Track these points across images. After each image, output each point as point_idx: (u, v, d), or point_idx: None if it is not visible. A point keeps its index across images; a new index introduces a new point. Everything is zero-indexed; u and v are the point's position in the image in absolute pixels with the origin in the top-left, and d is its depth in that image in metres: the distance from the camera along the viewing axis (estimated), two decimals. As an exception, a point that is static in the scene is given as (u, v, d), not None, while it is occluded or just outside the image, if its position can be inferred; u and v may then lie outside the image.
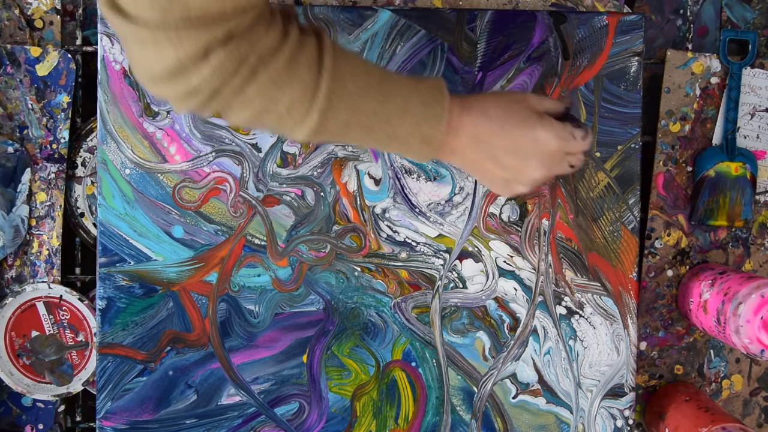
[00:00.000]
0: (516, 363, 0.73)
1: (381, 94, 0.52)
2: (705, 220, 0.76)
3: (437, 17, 0.72)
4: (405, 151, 0.55)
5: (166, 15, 0.43)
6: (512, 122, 0.56)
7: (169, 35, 0.43)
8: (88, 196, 0.75)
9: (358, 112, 0.51)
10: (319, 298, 0.72)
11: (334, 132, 0.52)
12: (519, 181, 0.58)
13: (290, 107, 0.49)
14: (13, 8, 0.74)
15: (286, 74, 0.48)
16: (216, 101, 0.47)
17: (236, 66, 0.46)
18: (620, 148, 0.73)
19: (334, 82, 0.50)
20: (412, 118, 0.53)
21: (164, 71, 0.45)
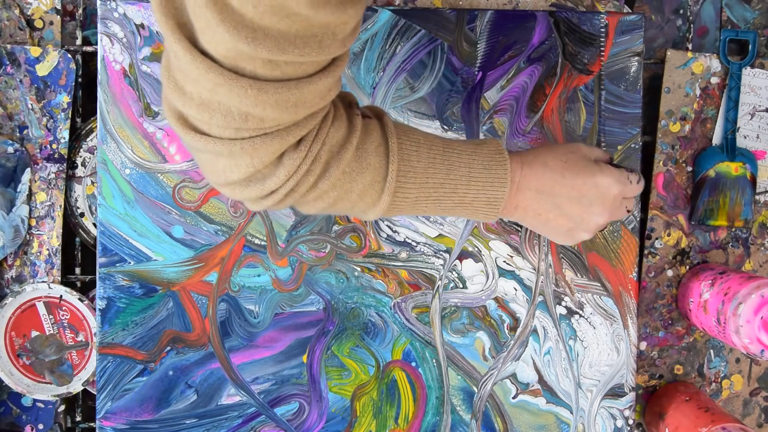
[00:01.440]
0: (516, 363, 0.73)
1: (445, 166, 0.54)
2: (705, 220, 0.76)
3: (437, 17, 0.72)
4: (472, 215, 0.57)
5: (241, 132, 0.43)
6: (572, 171, 0.58)
7: (245, 147, 0.44)
8: (88, 196, 0.75)
9: (426, 187, 0.53)
10: (319, 298, 0.72)
11: (404, 209, 0.54)
12: (583, 228, 0.59)
13: (362, 194, 0.51)
14: (13, 8, 0.74)
15: (356, 164, 0.49)
16: (291, 198, 0.49)
17: (309, 165, 0.47)
18: (620, 148, 0.73)
19: (401, 163, 0.52)
20: (477, 184, 0.55)
21: (240, 179, 0.46)
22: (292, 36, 0.40)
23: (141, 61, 0.70)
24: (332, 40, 0.41)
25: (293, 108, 0.43)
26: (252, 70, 0.41)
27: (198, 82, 0.42)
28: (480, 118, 0.72)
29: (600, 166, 0.59)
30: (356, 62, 0.71)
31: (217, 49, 0.40)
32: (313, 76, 0.43)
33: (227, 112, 0.42)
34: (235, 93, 0.41)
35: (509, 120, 0.72)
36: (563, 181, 0.57)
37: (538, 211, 0.58)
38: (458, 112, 0.72)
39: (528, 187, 0.57)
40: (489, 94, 0.72)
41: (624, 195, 0.60)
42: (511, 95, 0.72)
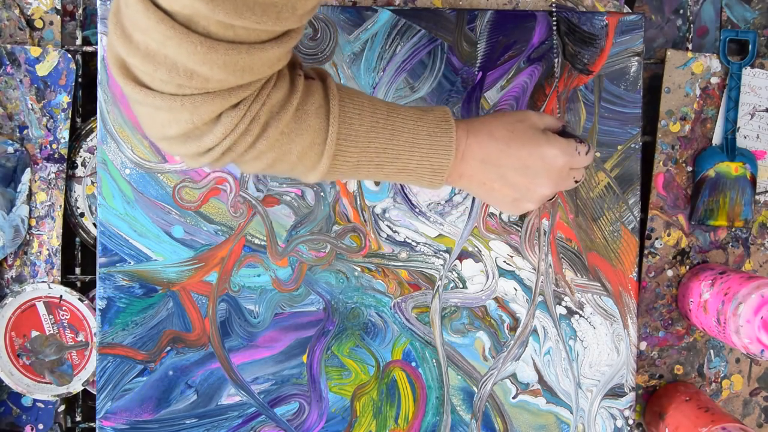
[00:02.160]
0: (516, 363, 0.73)
1: (389, 131, 0.53)
2: (705, 220, 0.76)
3: (437, 17, 0.72)
4: (415, 182, 0.56)
5: (183, 89, 0.43)
6: (518, 141, 0.57)
7: (185, 104, 0.43)
8: (88, 196, 0.75)
9: (368, 151, 0.52)
10: (319, 298, 0.72)
11: (345, 172, 0.53)
12: (528, 198, 0.59)
13: (302, 155, 0.50)
14: (13, 8, 0.74)
15: (295, 125, 0.49)
16: (228, 156, 0.48)
17: (247, 125, 0.46)
18: (620, 148, 0.73)
19: (341, 126, 0.51)
20: (421, 151, 0.54)
21: (178, 134, 0.46)
22: (252, 2, 0.39)
23: (141, 61, 0.70)
24: (291, 12, 0.41)
25: (240, 72, 0.43)
26: (205, 27, 0.40)
27: (147, 32, 0.41)
28: (480, 118, 0.72)
29: (547, 135, 0.58)
30: (356, 62, 0.71)
31: (172, 4, 0.39)
32: (265, 44, 0.43)
33: (172, 67, 0.42)
34: (184, 48, 0.40)
35: (509, 120, 0.72)
36: (508, 152, 0.56)
37: (482, 180, 0.58)
38: (458, 112, 0.72)
39: (473, 157, 0.56)
40: (489, 94, 0.72)
41: (571, 166, 0.59)
42: (511, 95, 0.72)
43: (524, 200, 0.59)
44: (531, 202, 0.59)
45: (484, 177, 0.57)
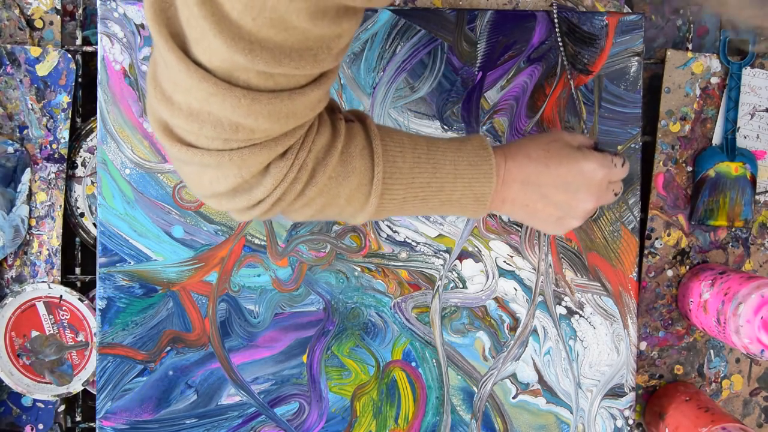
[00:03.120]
0: (516, 363, 0.73)
1: (431, 165, 0.54)
2: (705, 220, 0.76)
3: (437, 17, 0.72)
4: (460, 212, 0.57)
5: (230, 143, 0.43)
6: (556, 159, 0.57)
7: (233, 158, 0.44)
8: (88, 196, 0.75)
9: (413, 187, 0.53)
10: (319, 298, 0.72)
11: (392, 210, 0.54)
12: (571, 215, 0.59)
13: (350, 198, 0.51)
14: (13, 8, 0.74)
15: (341, 168, 0.49)
16: (278, 207, 0.48)
17: (296, 173, 0.47)
18: (620, 148, 0.73)
19: (386, 165, 0.51)
20: (464, 181, 0.55)
21: (227, 189, 0.46)
22: (288, 48, 0.40)
23: (141, 61, 0.70)
24: (327, 53, 0.42)
25: (284, 119, 0.43)
26: (246, 80, 0.41)
27: (189, 92, 0.41)
28: (480, 118, 0.72)
29: (583, 152, 0.58)
30: (356, 62, 0.71)
31: (212, 60, 0.40)
32: (305, 88, 0.43)
33: (217, 123, 0.42)
34: (228, 103, 0.41)
35: (509, 120, 0.72)
36: (548, 171, 0.57)
37: (525, 203, 0.58)
38: (458, 112, 0.72)
39: (513, 180, 0.57)
40: (489, 94, 0.72)
41: (610, 179, 0.59)
42: (511, 95, 0.72)
43: (568, 217, 0.59)
44: (575, 219, 0.59)
45: (526, 199, 0.58)
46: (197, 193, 0.48)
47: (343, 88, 0.71)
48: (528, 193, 0.57)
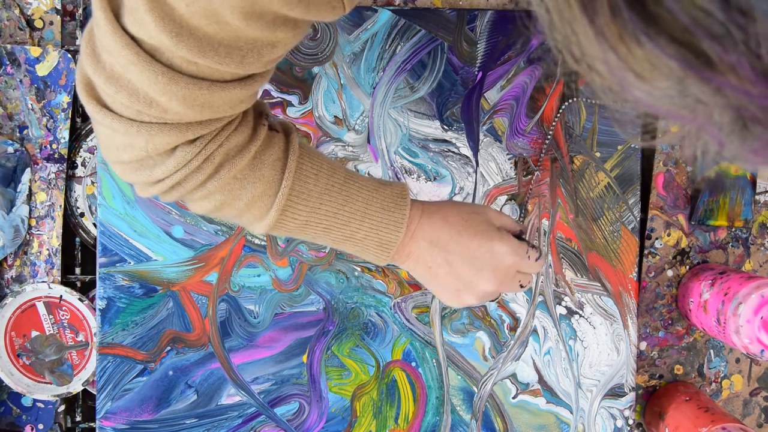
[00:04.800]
0: (516, 363, 0.73)
1: (342, 196, 0.52)
2: (705, 220, 0.76)
3: (437, 17, 0.72)
4: (360, 253, 0.55)
5: (142, 116, 0.43)
6: (470, 231, 0.55)
7: (141, 130, 0.43)
8: (88, 196, 0.75)
9: (318, 213, 0.52)
10: (319, 298, 0.72)
11: (292, 230, 0.52)
12: (470, 291, 0.56)
13: (250, 203, 0.50)
14: (13, 8, 0.74)
15: (250, 172, 0.49)
16: (177, 191, 0.48)
17: (200, 162, 0.46)
18: (620, 148, 0.73)
19: (296, 182, 0.50)
20: (372, 222, 0.53)
21: (131, 160, 0.46)
22: (217, 42, 0.40)
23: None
24: (256, 58, 0.41)
25: (199, 107, 0.43)
26: (169, 59, 0.41)
27: (113, 54, 0.41)
28: (480, 118, 0.72)
29: (501, 232, 0.56)
30: (356, 62, 0.71)
31: (139, 32, 0.40)
32: (228, 84, 0.43)
33: (133, 92, 0.42)
34: (146, 76, 0.41)
35: (509, 120, 0.72)
36: (458, 239, 0.55)
37: (428, 264, 0.56)
38: (458, 112, 0.72)
39: (423, 237, 0.55)
40: (489, 94, 0.72)
41: (519, 268, 0.56)
42: (511, 95, 0.72)
43: (466, 292, 0.56)
44: (472, 296, 0.56)
45: (430, 260, 0.55)
46: (106, 157, 0.48)
47: (343, 88, 0.71)
48: (433, 255, 0.55)
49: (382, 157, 0.72)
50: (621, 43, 0.25)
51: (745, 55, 0.22)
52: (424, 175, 0.72)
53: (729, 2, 0.21)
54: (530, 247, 0.57)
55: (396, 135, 0.72)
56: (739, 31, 0.22)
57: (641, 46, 0.24)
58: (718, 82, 0.23)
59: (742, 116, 0.24)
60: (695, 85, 0.24)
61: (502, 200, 0.72)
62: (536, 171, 0.69)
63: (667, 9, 0.22)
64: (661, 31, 0.23)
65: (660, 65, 0.24)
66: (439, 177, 0.72)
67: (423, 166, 0.72)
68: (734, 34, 0.22)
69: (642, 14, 0.23)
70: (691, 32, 0.22)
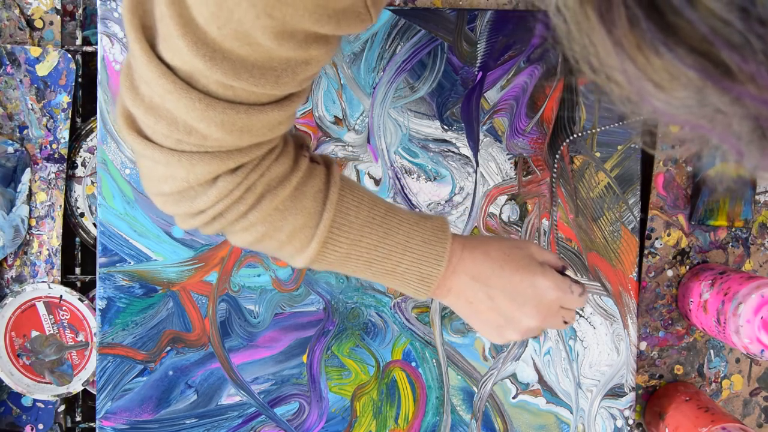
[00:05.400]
0: (516, 363, 0.73)
1: (383, 229, 0.52)
2: (705, 220, 0.76)
3: (437, 17, 0.72)
4: (402, 287, 0.55)
5: (182, 144, 0.43)
6: (513, 265, 0.55)
7: (182, 160, 0.43)
8: (88, 196, 0.75)
9: (359, 245, 0.51)
10: (319, 298, 0.72)
11: (333, 262, 0.52)
12: (512, 326, 0.55)
13: (292, 236, 0.49)
14: (13, 8, 0.74)
15: (291, 203, 0.48)
16: (218, 222, 0.48)
17: (242, 192, 0.46)
18: (620, 148, 0.73)
19: (337, 214, 0.50)
20: (413, 255, 0.52)
21: (172, 191, 0.46)
22: (250, 64, 0.40)
23: (141, 61, 0.70)
24: (291, 77, 0.41)
25: (238, 132, 0.43)
26: (204, 85, 0.41)
27: (150, 85, 0.41)
28: (480, 118, 0.72)
29: (543, 267, 0.55)
30: (356, 62, 0.71)
31: (174, 59, 0.40)
32: (265, 106, 0.43)
33: (173, 121, 0.42)
34: (183, 104, 0.41)
35: (509, 120, 0.72)
36: (501, 273, 0.54)
37: (470, 299, 0.55)
38: (458, 112, 0.72)
39: (464, 272, 0.54)
40: (489, 94, 0.72)
41: (562, 303, 0.56)
42: (511, 95, 0.72)
43: (508, 328, 0.55)
44: (515, 332, 0.56)
45: (472, 295, 0.55)
46: (147, 189, 0.48)
47: (343, 88, 0.71)
48: (475, 290, 0.54)
49: (382, 157, 0.72)
50: (639, 53, 0.25)
51: (764, 65, 0.22)
52: (424, 175, 0.72)
53: (749, 12, 0.21)
54: (573, 282, 0.56)
55: (396, 135, 0.72)
56: (758, 41, 0.22)
57: (660, 56, 0.24)
58: (737, 92, 0.23)
59: (761, 126, 0.24)
60: (714, 94, 0.24)
61: (502, 200, 0.72)
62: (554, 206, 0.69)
63: (686, 19, 0.22)
64: (680, 41, 0.23)
65: (679, 75, 0.24)
66: (439, 177, 0.72)
67: (423, 166, 0.72)
68: (753, 44, 0.22)
69: (660, 24, 0.23)
70: (710, 42, 0.22)
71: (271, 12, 0.36)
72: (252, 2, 0.36)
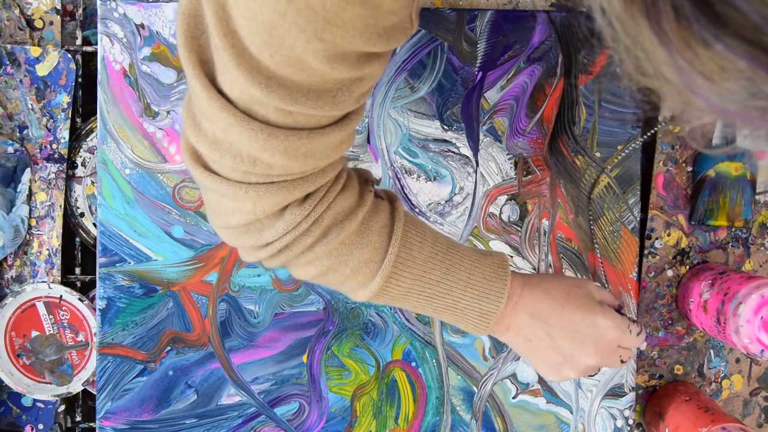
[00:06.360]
0: (516, 363, 0.73)
1: (446, 265, 0.53)
2: (705, 220, 0.76)
3: (437, 17, 0.72)
4: (461, 323, 0.55)
5: (248, 176, 0.43)
6: (573, 304, 0.55)
7: (249, 192, 0.44)
8: (88, 196, 0.75)
9: (422, 280, 0.52)
10: (319, 298, 0.72)
11: (395, 297, 0.53)
12: (571, 365, 0.56)
13: (356, 269, 0.50)
14: (13, 8, 0.74)
15: (357, 238, 0.49)
16: (285, 255, 0.48)
17: (309, 225, 0.47)
18: (620, 148, 0.73)
19: (402, 249, 0.51)
20: (474, 291, 0.53)
21: (240, 224, 0.46)
22: (306, 88, 0.40)
23: (141, 61, 0.70)
24: (347, 96, 0.41)
25: (302, 158, 0.43)
26: (264, 114, 0.41)
27: (212, 120, 0.42)
28: (480, 118, 0.72)
29: (603, 307, 0.56)
30: (356, 62, 0.71)
31: (232, 90, 0.40)
32: (326, 128, 0.43)
33: (237, 154, 0.42)
34: (246, 135, 0.41)
35: (509, 120, 0.72)
36: (561, 312, 0.55)
37: (529, 337, 0.56)
38: (458, 112, 0.72)
39: (524, 309, 0.55)
40: (489, 94, 0.72)
41: (621, 343, 0.57)
42: (511, 95, 0.72)
43: (567, 366, 0.56)
44: (573, 370, 0.56)
45: (531, 333, 0.55)
46: (213, 223, 0.48)
47: (343, 88, 0.71)
48: (534, 328, 0.55)
49: (382, 157, 0.72)
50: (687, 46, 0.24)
51: None
52: (424, 175, 0.72)
53: None
54: (631, 321, 0.57)
55: (396, 135, 0.72)
56: None
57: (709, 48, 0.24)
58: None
59: None
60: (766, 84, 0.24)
61: (502, 200, 0.72)
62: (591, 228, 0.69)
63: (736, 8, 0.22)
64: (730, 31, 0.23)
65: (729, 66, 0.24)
66: (439, 177, 0.72)
67: (423, 166, 0.72)
68: None
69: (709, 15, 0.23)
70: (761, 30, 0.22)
71: (321, 36, 0.36)
72: (301, 27, 0.36)
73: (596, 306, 0.56)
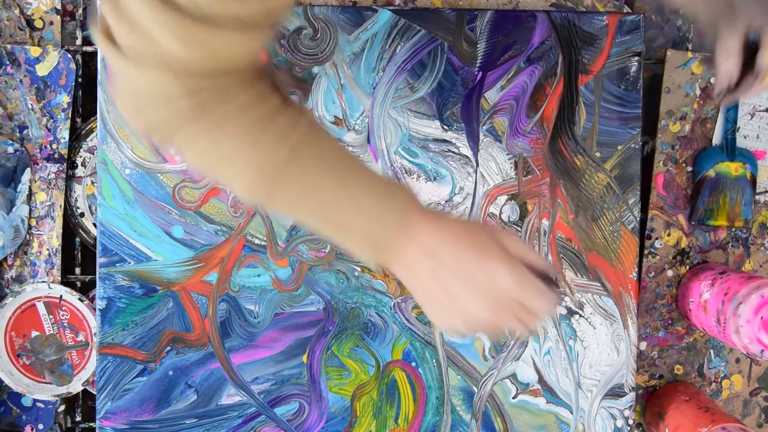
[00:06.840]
0: (516, 363, 0.73)
1: (339, 178, 0.49)
2: (705, 220, 0.76)
3: (437, 17, 0.72)
4: (347, 241, 0.50)
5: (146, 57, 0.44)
6: (470, 246, 0.49)
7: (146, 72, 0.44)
8: (88, 196, 0.75)
9: (308, 190, 0.48)
10: (319, 298, 0.72)
11: (283, 197, 0.49)
12: (455, 311, 0.50)
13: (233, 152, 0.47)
14: (13, 8, 0.74)
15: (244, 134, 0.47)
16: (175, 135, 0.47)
17: (193, 113, 0.45)
18: (620, 148, 0.73)
19: (305, 138, 0.48)
20: (365, 212, 0.49)
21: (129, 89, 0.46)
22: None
23: (141, 61, 0.70)
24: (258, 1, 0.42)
25: (199, 49, 0.43)
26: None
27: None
28: (480, 118, 0.72)
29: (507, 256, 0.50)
30: (356, 62, 0.71)
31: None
32: (228, 27, 0.43)
33: (139, 28, 0.42)
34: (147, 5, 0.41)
35: (509, 120, 0.72)
36: (454, 250, 0.49)
37: (419, 273, 0.50)
38: (458, 112, 0.72)
39: (418, 241, 0.49)
40: (489, 94, 0.72)
41: (519, 298, 0.49)
42: (511, 95, 0.72)
43: (452, 312, 0.50)
44: (459, 318, 0.50)
45: (422, 269, 0.50)
46: (118, 104, 0.47)
47: (343, 88, 0.71)
48: (424, 264, 0.50)
49: (382, 157, 0.72)
50: None
51: None
52: (424, 175, 0.72)
53: None
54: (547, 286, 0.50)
55: (396, 135, 0.72)
56: None
57: None
58: None
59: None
60: None
61: (502, 200, 0.72)
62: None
63: None
64: None
65: None
66: (439, 177, 0.72)
67: (423, 166, 0.72)
68: None
69: None
70: None
71: None
72: None
73: (497, 253, 0.50)
